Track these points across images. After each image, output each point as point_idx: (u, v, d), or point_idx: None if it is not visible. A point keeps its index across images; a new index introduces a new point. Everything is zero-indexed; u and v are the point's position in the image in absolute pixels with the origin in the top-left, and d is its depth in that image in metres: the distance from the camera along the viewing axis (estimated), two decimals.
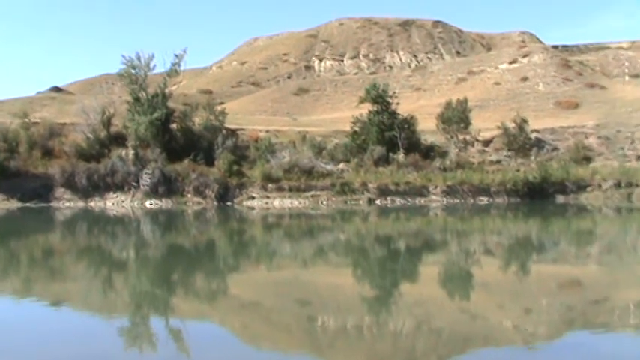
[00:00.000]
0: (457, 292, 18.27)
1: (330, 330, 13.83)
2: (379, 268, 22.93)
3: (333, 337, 13.33)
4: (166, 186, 51.16)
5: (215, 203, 50.20)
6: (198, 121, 58.56)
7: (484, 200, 52.71)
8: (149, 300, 17.42)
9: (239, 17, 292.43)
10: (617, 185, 54.85)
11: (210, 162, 53.02)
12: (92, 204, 50.09)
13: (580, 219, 42.86)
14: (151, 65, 56.89)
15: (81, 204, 49.89)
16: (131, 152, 52.32)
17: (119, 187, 51.51)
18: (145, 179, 50.89)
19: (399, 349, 12.36)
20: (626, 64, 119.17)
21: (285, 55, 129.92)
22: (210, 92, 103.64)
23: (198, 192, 51.35)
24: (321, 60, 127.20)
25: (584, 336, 13.01)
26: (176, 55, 57.66)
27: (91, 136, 54.56)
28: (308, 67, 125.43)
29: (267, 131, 62.72)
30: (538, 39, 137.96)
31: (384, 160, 56.03)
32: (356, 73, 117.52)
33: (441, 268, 22.95)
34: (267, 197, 51.94)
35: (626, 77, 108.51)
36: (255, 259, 25.51)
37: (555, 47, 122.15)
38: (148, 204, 50.03)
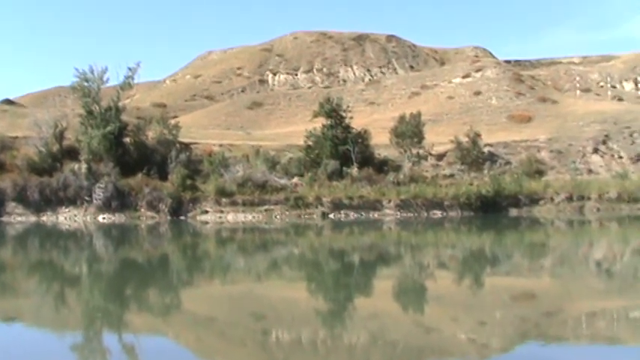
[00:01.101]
0: (411, 306, 18.32)
1: (284, 344, 13.81)
2: (333, 281, 22.95)
3: (287, 352, 13.31)
4: (119, 200, 50.85)
5: (168, 217, 49.99)
6: (151, 134, 58.37)
7: (438, 214, 52.93)
8: (102, 315, 17.27)
9: (193, 31, 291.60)
10: (570, 198, 55.42)
11: (163, 176, 52.76)
12: (44, 218, 49.65)
13: (533, 232, 43.15)
14: (105, 78, 56.72)
15: (33, 218, 49.46)
16: (84, 166, 51.91)
17: (72, 202, 51.10)
18: (98, 193, 50.54)
19: None
20: (578, 78, 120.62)
21: (239, 68, 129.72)
22: (163, 106, 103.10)
23: (152, 206, 51.08)
24: (275, 74, 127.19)
25: (537, 348, 13.10)
26: (129, 69, 57.50)
27: (43, 149, 54.11)
28: (262, 81, 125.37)
29: (220, 145, 62.63)
30: (491, 54, 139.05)
31: (337, 174, 56.09)
32: (310, 87, 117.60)
33: (395, 281, 23.00)
34: (221, 211, 51.78)
35: (578, 92, 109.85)
36: (209, 274, 25.42)
37: (508, 62, 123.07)
38: (100, 218, 49.68)
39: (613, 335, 14.17)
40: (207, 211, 51.83)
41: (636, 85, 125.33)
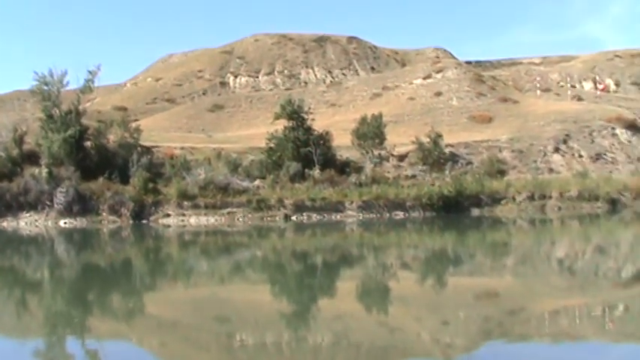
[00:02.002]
0: (375, 306, 18.36)
1: (249, 347, 13.79)
2: (297, 283, 22.96)
3: (252, 354, 13.30)
4: (81, 204, 50.47)
5: (130, 221, 49.69)
6: (112, 138, 57.99)
7: (400, 214, 53.03)
8: (65, 321, 17.14)
9: (153, 33, 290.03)
10: (531, 197, 55.70)
11: (125, 180, 52.40)
12: (4, 224, 49.20)
13: (495, 231, 43.39)
14: (64, 82, 56.27)
15: None
16: (44, 170, 51.43)
17: (32, 206, 50.65)
18: (59, 198, 50.11)
19: None
20: (538, 78, 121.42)
21: (200, 71, 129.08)
22: (124, 109, 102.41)
23: (114, 210, 50.75)
24: (236, 76, 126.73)
25: (501, 346, 13.19)
26: (90, 72, 57.07)
27: (2, 154, 53.61)
28: (223, 84, 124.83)
29: (182, 148, 62.40)
30: (452, 55, 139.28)
31: (299, 176, 56.03)
32: (271, 90, 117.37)
33: (358, 282, 23.04)
34: (183, 215, 51.57)
35: (538, 92, 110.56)
36: (172, 278, 25.37)
37: (469, 62, 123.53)
38: (62, 223, 49.30)
39: (576, 332, 14.28)
40: (169, 215, 51.57)
41: (595, 84, 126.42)
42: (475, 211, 54.48)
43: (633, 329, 14.34)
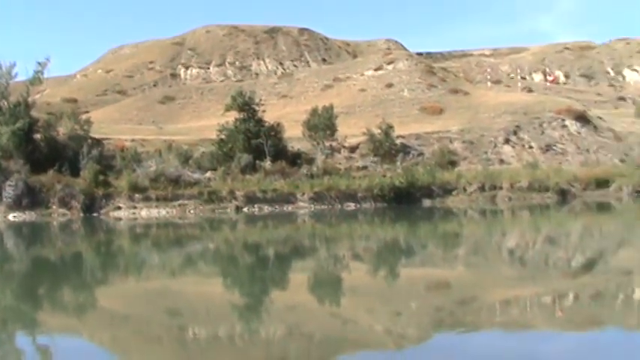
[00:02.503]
0: (327, 298, 18.39)
1: (201, 340, 13.76)
2: (249, 275, 22.92)
3: (204, 347, 13.27)
4: (30, 198, 49.95)
5: (81, 214, 49.31)
6: (62, 130, 57.46)
7: (351, 206, 53.14)
8: (14, 316, 16.97)
9: (104, 24, 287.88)
10: (482, 188, 56.07)
11: (75, 172, 51.92)
12: None
13: (446, 222, 43.62)
14: (13, 73, 55.79)
15: None
16: None
17: None
18: (8, 191, 49.55)
19: (271, 356, 12.37)
20: (489, 70, 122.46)
21: (151, 62, 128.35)
22: (74, 101, 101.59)
23: (64, 203, 50.30)
24: (187, 68, 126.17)
25: (453, 336, 13.26)
26: (39, 63, 56.54)
27: None
28: (174, 75, 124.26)
29: (133, 140, 62.02)
30: (403, 46, 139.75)
31: (251, 168, 55.94)
32: (222, 81, 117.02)
33: (310, 274, 23.05)
34: (134, 207, 51.25)
35: (489, 83, 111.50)
36: (123, 271, 25.23)
37: (420, 54, 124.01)
38: (11, 217, 48.76)
39: (526, 322, 14.41)
40: (120, 208, 51.23)
41: (544, 76, 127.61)
42: (426, 202, 54.73)
43: (582, 318, 14.51)
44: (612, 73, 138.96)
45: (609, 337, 13.14)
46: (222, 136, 59.56)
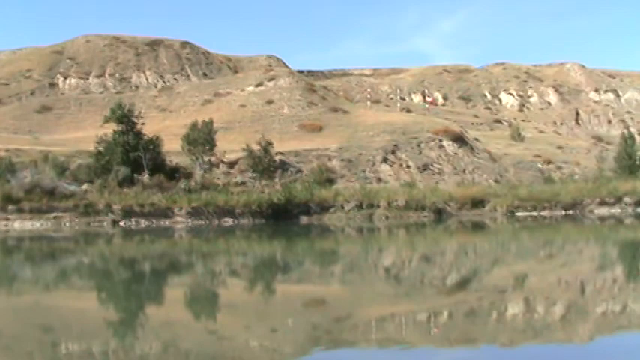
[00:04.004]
0: (204, 314, 18.25)
1: (75, 356, 13.47)
2: (124, 290, 22.61)
3: None
4: None
5: None
6: None
7: (229, 221, 52.99)
8: None
9: None
10: (359, 206, 56.51)
11: None
12: None
13: (323, 239, 43.82)
14: None
15: None
16: None
17: None
18: None
19: None
20: (369, 89, 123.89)
21: (28, 71, 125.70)
22: None
23: None
24: (66, 77, 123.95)
25: (329, 353, 13.29)
26: None
27: None
28: (52, 85, 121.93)
29: (7, 150, 60.72)
30: (284, 63, 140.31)
31: (128, 181, 55.34)
32: (101, 92, 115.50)
33: (187, 289, 22.85)
34: (7, 219, 50.08)
35: (368, 103, 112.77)
36: None
37: (301, 72, 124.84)
38: None
39: (402, 338, 14.54)
40: None
41: (423, 97, 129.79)
42: (304, 219, 54.94)
43: (457, 334, 14.71)
44: (489, 96, 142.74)
45: (482, 353, 13.37)
46: (100, 149, 58.76)
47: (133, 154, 57.66)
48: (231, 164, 64.56)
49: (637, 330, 15.19)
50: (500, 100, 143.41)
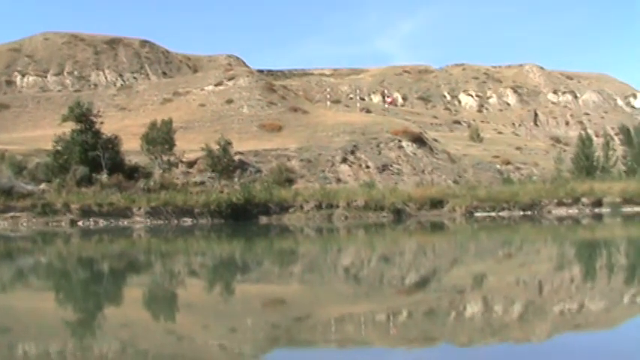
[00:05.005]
0: (162, 314, 18.17)
1: (32, 357, 13.35)
2: (82, 291, 22.44)
3: None
4: None
5: None
6: None
7: (188, 221, 52.87)
8: None
9: None
10: (319, 206, 56.57)
11: None
12: None
13: (283, 239, 43.78)
14: None
15: None
16: None
17: None
18: None
19: None
20: (328, 90, 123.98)
21: None
22: None
23: None
24: (23, 75, 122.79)
25: (288, 353, 13.30)
26: None
27: None
28: (9, 82, 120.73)
29: None
30: (244, 63, 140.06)
31: (87, 181, 55.02)
32: (60, 91, 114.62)
33: (145, 289, 22.74)
34: None
35: (328, 103, 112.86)
36: None
37: (261, 71, 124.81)
38: None
39: (361, 338, 14.56)
40: None
41: (383, 97, 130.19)
42: (263, 219, 54.93)
43: (415, 334, 14.76)
44: (448, 97, 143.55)
45: (441, 352, 13.42)
46: (58, 148, 58.36)
47: (91, 154, 57.32)
48: (191, 164, 64.35)
49: (594, 329, 15.32)
50: (459, 101, 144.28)
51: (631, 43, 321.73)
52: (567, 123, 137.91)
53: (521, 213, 59.03)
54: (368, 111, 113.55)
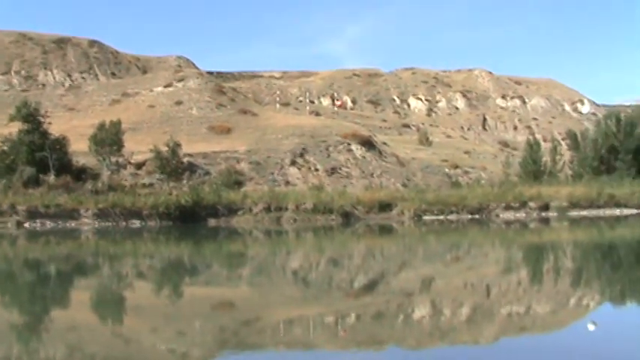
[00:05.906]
0: (110, 317, 18.06)
1: None
2: (28, 293, 22.24)
3: None
4: None
5: None
6: None
7: (136, 223, 52.60)
8: None
9: None
10: (268, 209, 56.48)
11: None
12: None
13: (231, 242, 43.72)
14: None
15: None
16: None
17: None
18: None
19: None
20: (278, 92, 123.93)
21: None
22: None
23: None
24: None
25: (236, 356, 13.29)
26: None
27: None
28: None
29: None
30: (194, 64, 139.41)
31: (34, 182, 54.55)
32: (7, 90, 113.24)
33: (92, 292, 22.58)
34: None
35: (277, 105, 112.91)
36: None
37: (210, 73, 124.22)
38: None
39: (309, 341, 14.59)
40: None
41: (333, 100, 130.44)
42: (212, 222, 54.79)
43: (364, 337, 14.80)
44: (398, 101, 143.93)
45: (389, 355, 13.49)
46: (5, 148, 57.86)
47: (38, 154, 56.85)
48: (139, 165, 64.03)
49: (540, 331, 15.50)
50: (408, 105, 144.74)
51: (579, 49, 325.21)
52: (515, 128, 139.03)
53: (470, 216, 59.43)
54: (317, 114, 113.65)
